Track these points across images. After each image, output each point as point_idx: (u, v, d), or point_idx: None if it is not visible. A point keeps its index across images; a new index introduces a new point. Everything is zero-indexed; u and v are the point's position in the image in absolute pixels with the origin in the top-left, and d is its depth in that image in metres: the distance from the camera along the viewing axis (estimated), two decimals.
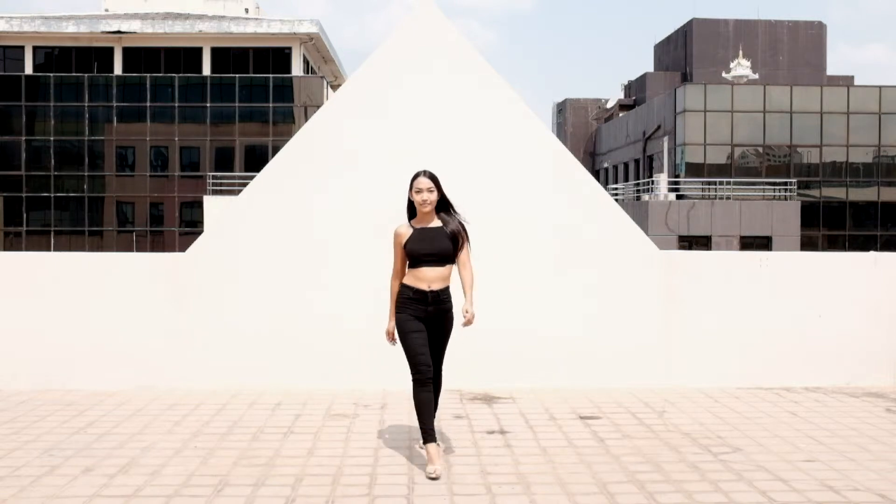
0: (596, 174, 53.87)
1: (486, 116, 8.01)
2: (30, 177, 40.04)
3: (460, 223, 5.57)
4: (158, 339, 7.72)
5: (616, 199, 29.16)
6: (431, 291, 5.46)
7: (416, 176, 5.54)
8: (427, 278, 5.46)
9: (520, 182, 7.96)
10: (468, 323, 5.36)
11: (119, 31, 40.91)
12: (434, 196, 5.50)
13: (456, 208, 5.66)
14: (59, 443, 5.93)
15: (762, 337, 7.97)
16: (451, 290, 5.59)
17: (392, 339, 5.67)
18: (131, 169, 40.55)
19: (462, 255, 5.54)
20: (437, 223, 5.54)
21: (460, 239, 5.52)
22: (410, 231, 5.53)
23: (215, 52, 41.97)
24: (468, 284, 5.51)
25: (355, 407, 7.05)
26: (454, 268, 5.58)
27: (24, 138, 40.02)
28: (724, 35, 50.78)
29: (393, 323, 5.63)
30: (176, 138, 40.19)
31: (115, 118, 40.06)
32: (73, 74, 40.69)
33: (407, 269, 5.55)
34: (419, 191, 5.49)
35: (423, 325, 5.50)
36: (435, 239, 5.48)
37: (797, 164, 42.28)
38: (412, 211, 5.62)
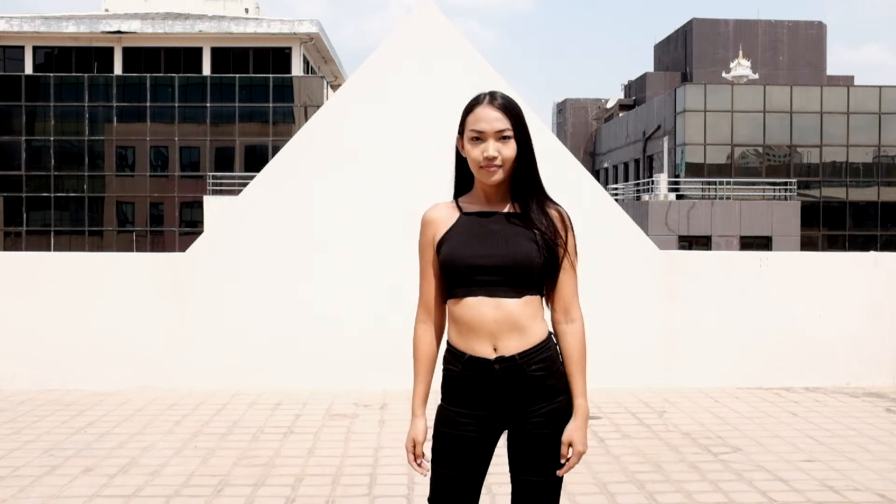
0: (596, 174, 53.86)
1: None
2: (30, 177, 40.04)
3: (559, 211, 2.74)
4: (158, 339, 7.72)
5: (616, 199, 29.10)
6: (501, 360, 2.63)
7: (474, 103, 2.70)
8: (483, 326, 2.63)
9: None
10: (567, 465, 2.70)
11: (119, 31, 40.90)
12: (511, 150, 2.65)
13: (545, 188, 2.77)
14: (59, 443, 5.93)
15: (762, 337, 7.96)
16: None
17: (419, 461, 2.81)
18: (131, 169, 40.54)
19: (565, 282, 2.72)
20: (509, 207, 2.72)
21: (561, 239, 2.69)
22: (455, 216, 2.72)
23: (215, 52, 41.96)
24: (576, 360, 2.72)
25: (355, 407, 7.04)
26: (543, 307, 2.73)
27: (24, 138, 40.01)
28: (724, 35, 50.77)
29: (420, 426, 2.77)
30: (176, 138, 40.18)
31: (115, 118, 40.04)
32: (73, 74, 40.68)
33: (447, 306, 2.74)
34: (480, 134, 2.65)
35: (486, 435, 2.71)
36: (501, 235, 2.66)
37: (797, 164, 42.28)
38: (464, 182, 2.80)
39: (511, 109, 2.66)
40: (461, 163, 2.78)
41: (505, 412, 2.68)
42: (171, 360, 7.71)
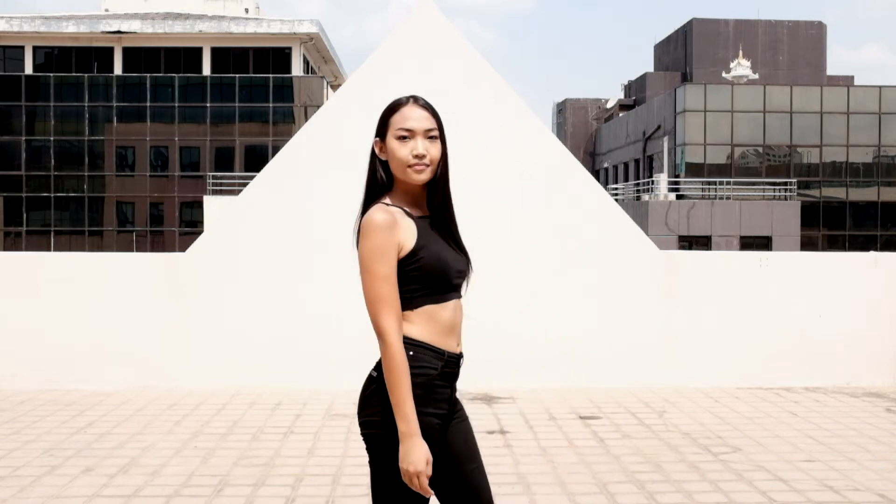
0: (596, 174, 53.86)
1: (486, 116, 8.01)
2: (30, 177, 40.03)
3: None
4: (158, 339, 7.72)
5: (616, 199, 29.08)
6: (461, 355, 2.82)
7: (397, 104, 2.71)
8: (458, 325, 2.79)
9: (520, 182, 7.96)
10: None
11: (119, 31, 40.89)
12: (438, 151, 2.70)
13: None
14: (59, 443, 5.93)
15: (762, 337, 7.97)
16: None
17: (422, 483, 2.62)
18: (131, 169, 40.54)
19: None
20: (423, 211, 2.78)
21: None
22: (411, 220, 2.69)
23: (215, 52, 41.95)
24: None
25: (355, 407, 7.03)
26: None
27: (24, 138, 40.01)
28: (724, 35, 50.76)
29: (420, 448, 2.61)
30: (176, 138, 40.18)
31: (115, 118, 40.04)
32: (73, 74, 40.67)
33: (412, 311, 2.71)
34: (409, 133, 2.66)
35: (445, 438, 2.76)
36: (449, 239, 2.78)
37: (797, 164, 42.28)
38: (382, 183, 2.80)
39: (435, 112, 2.72)
40: (378, 166, 2.78)
41: (450, 407, 2.76)
42: (171, 360, 7.71)
